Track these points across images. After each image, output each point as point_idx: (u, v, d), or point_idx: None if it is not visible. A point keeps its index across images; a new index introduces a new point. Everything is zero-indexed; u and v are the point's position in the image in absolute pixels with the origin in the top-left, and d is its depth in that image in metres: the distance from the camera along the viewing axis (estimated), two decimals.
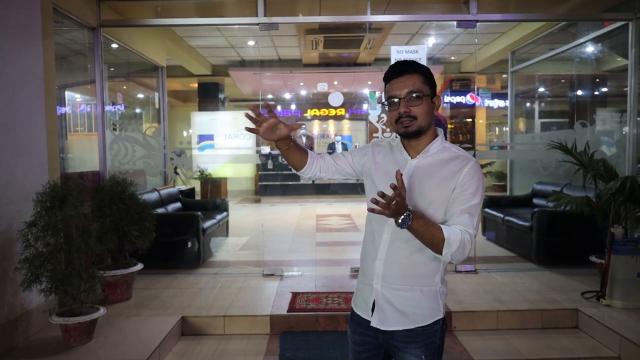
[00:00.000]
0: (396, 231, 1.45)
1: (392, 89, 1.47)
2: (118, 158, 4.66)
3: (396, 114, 1.46)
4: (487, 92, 11.49)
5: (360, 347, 1.59)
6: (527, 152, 6.01)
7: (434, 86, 1.49)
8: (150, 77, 6.79)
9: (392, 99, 1.47)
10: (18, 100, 3.14)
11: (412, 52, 4.59)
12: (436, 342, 1.51)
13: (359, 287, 1.61)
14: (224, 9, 5.45)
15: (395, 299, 1.49)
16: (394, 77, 1.47)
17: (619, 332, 3.05)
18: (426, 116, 1.45)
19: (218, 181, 9.67)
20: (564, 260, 4.62)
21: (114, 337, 3.08)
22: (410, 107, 1.44)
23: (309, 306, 3.65)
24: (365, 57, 8.70)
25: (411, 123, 1.44)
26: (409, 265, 1.47)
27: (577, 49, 6.28)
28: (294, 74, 10.34)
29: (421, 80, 1.46)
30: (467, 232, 1.38)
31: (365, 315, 1.55)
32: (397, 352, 1.52)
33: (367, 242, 1.58)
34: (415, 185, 1.46)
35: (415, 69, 1.46)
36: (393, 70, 1.48)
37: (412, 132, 1.46)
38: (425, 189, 1.45)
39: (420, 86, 1.45)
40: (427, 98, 1.46)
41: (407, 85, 1.44)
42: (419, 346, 1.48)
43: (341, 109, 13.46)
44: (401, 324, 1.48)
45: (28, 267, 2.77)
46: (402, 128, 1.47)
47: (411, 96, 1.44)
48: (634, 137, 4.63)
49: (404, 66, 1.47)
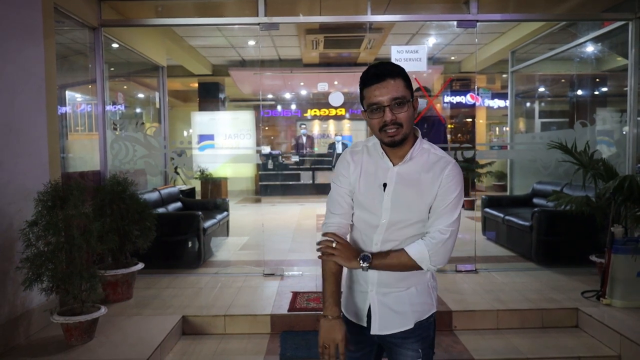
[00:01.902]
0: (386, 237, 1.45)
1: (375, 95, 1.37)
2: (119, 158, 4.66)
3: (381, 122, 1.38)
4: (487, 91, 11.50)
5: (355, 346, 1.57)
6: (527, 151, 6.01)
7: (412, 89, 1.43)
8: (151, 77, 6.79)
9: (374, 106, 1.38)
10: (19, 100, 3.14)
11: (412, 52, 4.60)
12: (430, 335, 1.54)
13: (351, 295, 1.58)
14: (225, 9, 5.46)
15: (391, 302, 1.49)
16: (374, 81, 1.37)
17: (619, 331, 3.06)
18: (410, 122, 1.40)
19: (218, 181, 9.68)
20: (564, 260, 4.62)
21: (114, 337, 3.08)
22: (396, 114, 1.37)
23: (309, 306, 3.66)
24: (365, 57, 8.70)
25: (397, 132, 1.38)
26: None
27: (577, 48, 6.28)
28: (295, 74, 10.35)
29: (403, 84, 1.38)
30: (438, 232, 1.39)
31: (359, 321, 1.54)
32: (394, 347, 1.53)
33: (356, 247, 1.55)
34: (402, 193, 1.43)
35: (397, 73, 1.38)
36: (373, 74, 1.38)
37: (398, 140, 1.40)
38: (414, 197, 1.42)
39: (404, 91, 1.38)
40: (410, 103, 1.39)
41: (390, 91, 1.36)
42: (416, 340, 1.50)
43: (341, 109, 13.47)
44: (401, 325, 1.48)
45: (29, 267, 2.78)
46: (387, 137, 1.40)
47: (396, 103, 1.36)
48: (634, 136, 4.64)
49: (385, 70, 1.38)
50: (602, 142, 5.07)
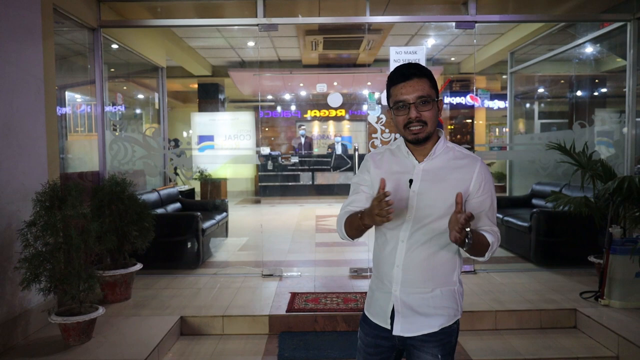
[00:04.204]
0: (413, 235, 1.46)
1: (401, 93, 1.43)
2: (118, 158, 4.67)
3: (405, 119, 1.43)
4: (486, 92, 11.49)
5: (372, 349, 1.57)
6: (526, 152, 6.02)
7: (437, 90, 1.49)
8: (150, 78, 6.80)
9: (400, 103, 1.43)
10: (18, 100, 3.15)
11: (411, 53, 4.60)
12: (452, 342, 1.52)
13: (375, 296, 1.57)
14: (224, 10, 5.46)
15: (415, 303, 1.48)
16: (401, 80, 1.43)
17: (617, 332, 3.06)
18: (435, 121, 1.45)
19: (218, 182, 9.67)
20: (562, 261, 4.62)
21: (112, 337, 3.09)
22: (421, 112, 1.42)
23: (307, 306, 3.66)
24: (364, 58, 8.71)
25: (421, 129, 1.43)
26: (428, 267, 1.47)
27: (576, 49, 6.29)
28: (294, 75, 10.35)
29: (429, 84, 1.44)
30: (497, 232, 1.49)
31: (383, 323, 1.53)
32: (413, 350, 1.52)
33: (380, 249, 1.55)
34: (429, 189, 1.46)
35: (423, 73, 1.44)
36: (401, 74, 1.44)
37: (422, 138, 1.44)
38: (441, 193, 1.44)
39: (429, 91, 1.43)
40: (434, 103, 1.45)
41: (417, 89, 1.42)
42: (436, 345, 1.48)
43: (341, 110, 13.47)
44: (425, 327, 1.47)
45: (27, 267, 2.78)
46: (411, 135, 1.44)
47: (421, 101, 1.42)
48: (633, 137, 4.64)
49: (411, 69, 1.44)
50: (601, 143, 5.07)
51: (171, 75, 9.32)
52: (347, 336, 3.36)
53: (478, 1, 4.56)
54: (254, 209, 10.20)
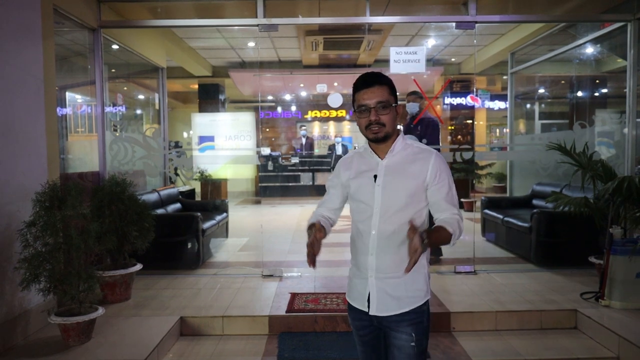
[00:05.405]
0: (381, 225, 1.64)
1: (363, 98, 1.62)
2: (118, 159, 4.66)
3: (367, 121, 1.63)
4: (486, 93, 11.49)
5: (362, 331, 1.76)
6: (526, 153, 6.01)
7: (396, 97, 1.67)
8: (151, 78, 6.80)
9: (362, 107, 1.63)
10: (18, 100, 3.15)
11: (411, 54, 4.60)
12: (424, 323, 1.68)
13: (353, 282, 1.76)
14: (224, 10, 5.47)
15: (389, 287, 1.65)
16: (364, 87, 1.63)
17: (617, 333, 3.05)
18: (392, 123, 1.64)
19: (218, 182, 9.67)
20: (563, 261, 4.62)
21: (112, 337, 3.08)
22: (379, 115, 1.61)
23: (307, 307, 3.65)
24: (365, 58, 8.71)
25: (380, 130, 1.62)
26: (398, 255, 1.63)
27: (577, 50, 6.28)
28: (294, 75, 10.35)
29: (388, 91, 1.63)
30: (457, 215, 1.63)
31: (361, 306, 1.71)
32: (389, 332, 1.69)
33: (355, 239, 1.74)
34: (391, 182, 1.64)
35: (383, 82, 1.63)
36: (364, 81, 1.64)
37: (380, 137, 1.64)
38: (403, 184, 1.63)
39: (388, 97, 1.62)
40: (393, 107, 1.63)
41: (377, 95, 1.61)
42: (409, 324, 1.65)
43: (341, 110, 13.47)
44: (397, 308, 1.64)
45: (27, 267, 2.78)
46: (371, 134, 1.64)
47: (381, 106, 1.61)
48: (633, 138, 4.63)
49: (373, 78, 1.63)
50: (602, 144, 5.07)
51: (171, 76, 9.33)
52: (347, 336, 3.35)
53: (478, 1, 4.56)
54: (254, 210, 10.20)
